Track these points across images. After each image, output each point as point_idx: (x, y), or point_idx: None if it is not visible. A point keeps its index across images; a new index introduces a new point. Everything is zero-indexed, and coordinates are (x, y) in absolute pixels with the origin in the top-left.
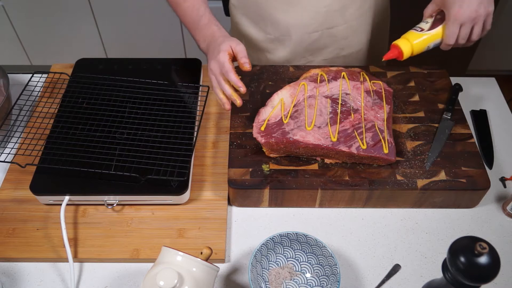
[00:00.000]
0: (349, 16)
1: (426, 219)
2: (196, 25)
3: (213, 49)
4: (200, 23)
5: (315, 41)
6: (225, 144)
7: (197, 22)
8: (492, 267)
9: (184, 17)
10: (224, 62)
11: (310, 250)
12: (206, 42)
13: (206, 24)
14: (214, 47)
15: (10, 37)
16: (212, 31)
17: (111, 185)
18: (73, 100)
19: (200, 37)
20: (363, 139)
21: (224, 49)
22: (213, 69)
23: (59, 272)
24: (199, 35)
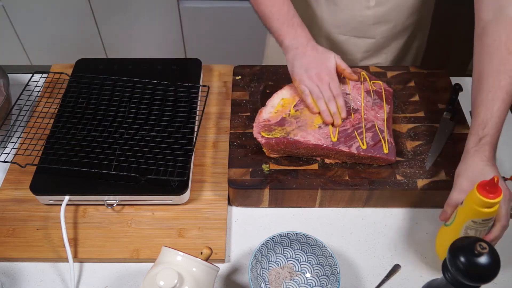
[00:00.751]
0: (379, 33)
1: (426, 219)
2: (288, 20)
3: (313, 57)
4: (294, 19)
5: (339, 43)
6: (225, 144)
7: (291, 18)
8: (492, 267)
9: (271, 7)
10: (337, 82)
11: (310, 250)
12: (296, 40)
13: (300, 24)
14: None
15: (10, 37)
16: (306, 34)
17: (111, 185)
18: (73, 100)
19: (288, 33)
20: (363, 139)
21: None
22: (318, 79)
23: (59, 272)
24: (287, 30)
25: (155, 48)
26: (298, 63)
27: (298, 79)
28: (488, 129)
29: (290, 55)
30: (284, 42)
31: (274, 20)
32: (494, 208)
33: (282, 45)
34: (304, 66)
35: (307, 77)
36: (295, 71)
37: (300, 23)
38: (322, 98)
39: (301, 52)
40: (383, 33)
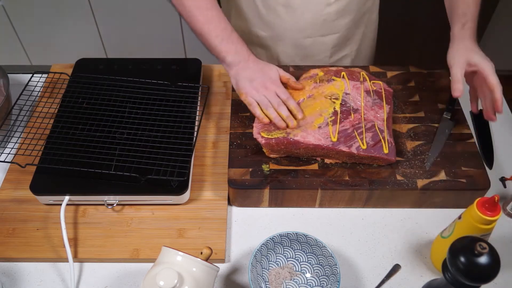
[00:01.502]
0: (343, 26)
1: (426, 219)
2: (227, 36)
3: (255, 69)
4: (232, 36)
5: (306, 47)
6: (225, 144)
7: (229, 33)
8: (492, 267)
9: (208, 24)
10: (283, 88)
11: (310, 250)
12: (238, 56)
13: (239, 40)
14: (257, 67)
15: (10, 37)
16: (247, 49)
17: (111, 185)
18: (73, 100)
19: (230, 49)
20: (363, 139)
21: (277, 74)
22: (264, 88)
23: (59, 272)
24: (228, 46)
25: (155, 48)
26: (241, 76)
27: (244, 92)
28: (468, 17)
29: (233, 71)
30: (226, 59)
31: (212, 37)
32: (492, 225)
33: (224, 62)
34: (248, 79)
35: (253, 88)
36: (240, 84)
37: (238, 38)
38: (271, 106)
39: (244, 67)
40: (347, 24)
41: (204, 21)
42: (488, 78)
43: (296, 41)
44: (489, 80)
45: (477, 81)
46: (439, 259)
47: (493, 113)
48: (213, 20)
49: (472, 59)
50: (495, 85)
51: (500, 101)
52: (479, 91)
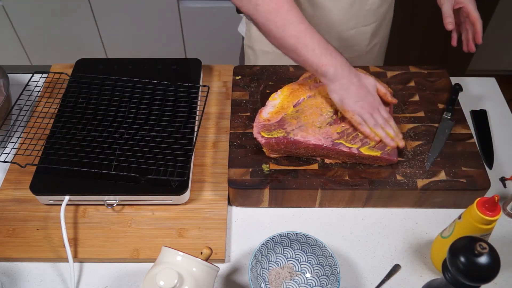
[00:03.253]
0: (382, 13)
1: (426, 219)
2: (324, 49)
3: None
4: (329, 48)
5: (348, 38)
6: (225, 144)
7: (325, 46)
8: (492, 267)
9: (303, 39)
10: (383, 106)
11: (310, 250)
12: (340, 69)
13: (336, 51)
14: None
15: (10, 37)
16: (346, 61)
17: (111, 185)
18: (73, 100)
19: (330, 62)
20: (363, 139)
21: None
22: (370, 107)
23: (59, 272)
24: (327, 59)
25: (155, 48)
26: (346, 93)
27: (351, 110)
28: None
29: (335, 86)
30: (328, 73)
31: (310, 52)
32: (492, 225)
33: (324, 76)
34: (353, 97)
35: (359, 107)
36: (346, 102)
37: (336, 50)
38: (378, 126)
39: (348, 82)
40: (384, 11)
41: (298, 36)
42: (471, 13)
43: (340, 33)
44: (472, 15)
45: (461, 16)
46: (439, 259)
47: (472, 45)
48: (307, 33)
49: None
50: (476, 19)
51: (480, 34)
52: (462, 26)
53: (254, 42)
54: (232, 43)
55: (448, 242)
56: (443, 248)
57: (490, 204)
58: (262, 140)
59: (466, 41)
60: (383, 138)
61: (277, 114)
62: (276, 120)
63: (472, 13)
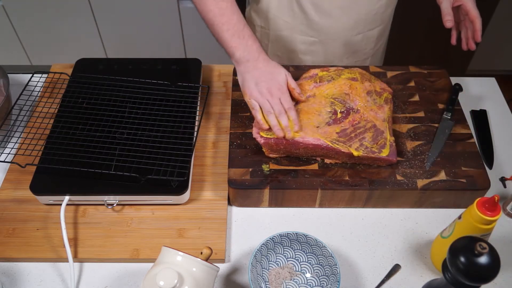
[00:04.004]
0: (387, 16)
1: (426, 219)
2: (238, 30)
3: (264, 70)
4: (244, 30)
5: (356, 43)
6: (225, 144)
7: (241, 29)
8: (492, 267)
9: (220, 17)
10: (287, 96)
11: (310, 250)
12: (247, 52)
13: (251, 35)
14: (266, 69)
15: (10, 37)
16: (258, 46)
17: (111, 185)
18: (73, 100)
19: (240, 44)
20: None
21: (285, 80)
22: (269, 93)
23: (59, 272)
24: (239, 41)
25: (155, 48)
26: (249, 76)
27: (249, 93)
28: None
29: (241, 68)
30: (235, 54)
31: (224, 31)
32: (492, 225)
33: (232, 57)
34: (254, 80)
35: (257, 91)
36: (246, 84)
37: (251, 34)
38: (272, 113)
39: (252, 66)
40: (390, 14)
41: (217, 13)
42: (470, 11)
43: (347, 39)
44: (471, 13)
45: (461, 14)
46: (439, 259)
47: (473, 42)
48: (226, 12)
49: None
50: (476, 17)
51: (479, 32)
52: (462, 24)
53: None
54: None
55: (448, 242)
56: (443, 248)
57: (490, 204)
58: (261, 140)
59: (466, 39)
60: (272, 126)
61: None
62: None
63: (471, 11)
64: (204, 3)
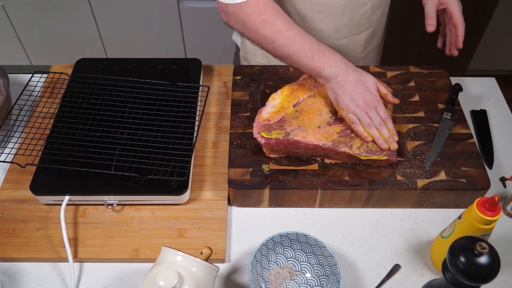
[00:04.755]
0: (375, 20)
1: (426, 219)
2: (315, 50)
3: (355, 82)
4: (321, 48)
5: (342, 46)
6: (225, 144)
7: (318, 48)
8: (492, 267)
9: (293, 46)
10: (383, 105)
11: (310, 250)
12: (334, 68)
13: (330, 50)
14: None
15: (10, 37)
16: (341, 58)
17: (111, 185)
18: (73, 100)
19: (323, 62)
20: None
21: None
22: (366, 106)
23: (59, 272)
24: (321, 60)
25: (155, 48)
26: (342, 91)
27: (345, 108)
28: None
29: (331, 84)
30: (322, 74)
31: (302, 57)
32: (492, 225)
33: (320, 77)
34: (349, 94)
35: (354, 105)
36: (340, 100)
37: (330, 49)
38: (373, 126)
39: (343, 79)
40: (378, 18)
41: (288, 44)
42: (454, 15)
43: (332, 43)
44: (455, 18)
45: (446, 18)
46: (439, 259)
47: (455, 48)
48: (296, 39)
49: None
50: (459, 22)
51: (461, 38)
52: (446, 28)
53: (249, 54)
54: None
55: (448, 242)
56: (443, 248)
57: (490, 204)
58: (262, 140)
59: (449, 44)
60: (375, 139)
61: (277, 114)
62: (276, 120)
63: (455, 16)
64: (273, 41)
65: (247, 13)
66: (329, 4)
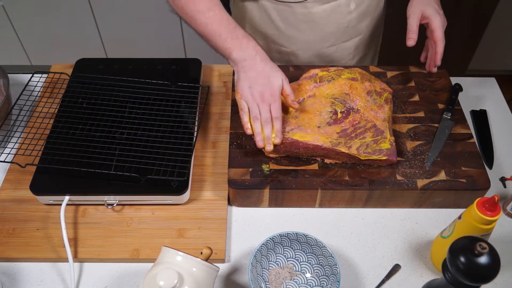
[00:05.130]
0: (364, 27)
1: (426, 219)
2: (230, 32)
3: (261, 72)
4: (236, 31)
5: (330, 54)
6: (225, 144)
7: (233, 30)
8: (492, 267)
9: (210, 25)
10: (279, 104)
11: (310, 250)
12: (243, 51)
13: (245, 35)
14: (263, 71)
15: (10, 37)
16: (254, 45)
17: (111, 185)
18: (73, 100)
19: (234, 45)
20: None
21: (280, 86)
22: (260, 98)
23: (59, 272)
24: (232, 42)
25: (155, 48)
26: (244, 76)
27: (240, 93)
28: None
29: (238, 68)
30: (231, 55)
31: (216, 37)
32: (492, 225)
33: (229, 59)
34: (249, 81)
35: (250, 93)
36: (239, 84)
37: (245, 34)
38: (259, 119)
39: (249, 65)
40: (368, 25)
41: (206, 23)
42: (435, 32)
43: (319, 51)
44: (435, 34)
45: (428, 32)
46: (439, 259)
47: (434, 65)
48: (215, 20)
49: (425, 11)
50: (439, 40)
51: (439, 55)
52: (428, 43)
53: None
54: None
55: (448, 242)
56: (443, 248)
57: (490, 204)
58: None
59: (429, 60)
60: (255, 134)
61: None
62: None
63: (435, 32)
64: (194, 20)
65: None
66: (313, 14)
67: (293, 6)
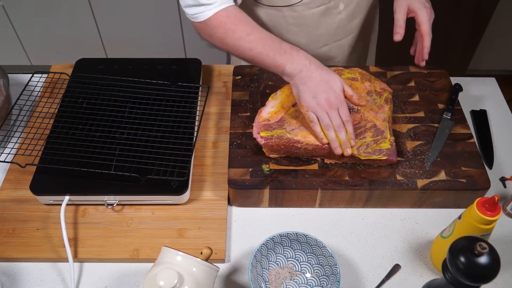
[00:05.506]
0: (355, 26)
1: (426, 219)
2: (277, 49)
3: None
4: (282, 47)
5: (324, 53)
6: (225, 144)
7: (279, 46)
8: (492, 267)
9: (255, 49)
10: (346, 106)
11: (310, 250)
12: (296, 64)
13: (292, 47)
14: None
15: (10, 37)
16: (305, 54)
17: (111, 185)
18: (73, 100)
19: (284, 60)
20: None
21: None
22: (327, 105)
23: (59, 272)
24: (282, 58)
25: (155, 48)
26: (304, 88)
27: (305, 105)
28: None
29: (295, 81)
30: (285, 71)
31: (264, 57)
32: (492, 225)
33: (284, 75)
34: (311, 92)
35: (315, 103)
36: (302, 97)
37: (292, 47)
38: (331, 127)
39: (306, 76)
40: (359, 23)
41: (250, 48)
42: (421, 26)
43: (313, 51)
44: (421, 28)
45: (416, 26)
46: (439, 259)
47: (421, 58)
48: (258, 42)
49: (412, 5)
50: (425, 33)
51: (426, 49)
52: (416, 36)
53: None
54: None
55: (448, 242)
56: (443, 248)
57: (490, 204)
58: (261, 141)
59: (418, 53)
60: (331, 142)
61: (277, 114)
62: (275, 120)
63: (422, 25)
64: (237, 48)
65: (210, 27)
66: (302, 18)
67: (283, 10)
